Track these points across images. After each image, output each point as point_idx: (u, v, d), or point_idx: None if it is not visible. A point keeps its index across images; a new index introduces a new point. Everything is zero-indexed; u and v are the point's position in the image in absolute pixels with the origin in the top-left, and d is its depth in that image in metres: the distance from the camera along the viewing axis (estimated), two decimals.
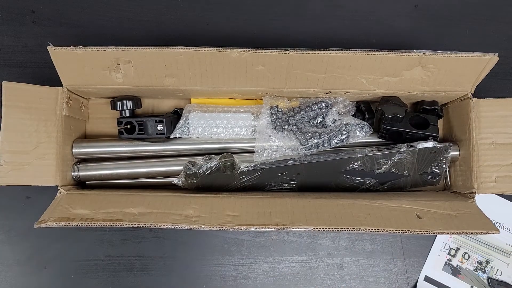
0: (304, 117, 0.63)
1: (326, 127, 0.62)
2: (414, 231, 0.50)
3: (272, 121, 0.62)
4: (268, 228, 0.51)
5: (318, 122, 0.63)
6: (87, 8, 0.72)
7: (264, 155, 0.61)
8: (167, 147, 0.63)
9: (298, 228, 0.51)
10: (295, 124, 0.62)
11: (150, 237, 0.67)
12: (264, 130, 0.61)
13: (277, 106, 0.63)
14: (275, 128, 0.62)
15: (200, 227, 0.51)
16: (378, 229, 0.50)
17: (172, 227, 0.51)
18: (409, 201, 0.58)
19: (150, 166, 0.63)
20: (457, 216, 0.55)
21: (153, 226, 0.51)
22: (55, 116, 0.58)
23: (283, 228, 0.51)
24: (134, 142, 0.63)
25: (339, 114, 0.63)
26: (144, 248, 0.67)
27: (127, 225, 0.51)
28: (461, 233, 0.52)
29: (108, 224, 0.51)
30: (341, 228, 0.50)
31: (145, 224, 0.51)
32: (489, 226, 0.53)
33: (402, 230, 0.50)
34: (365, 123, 0.61)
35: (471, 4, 0.74)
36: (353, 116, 0.64)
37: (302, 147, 0.60)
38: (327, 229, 0.50)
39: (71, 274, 0.66)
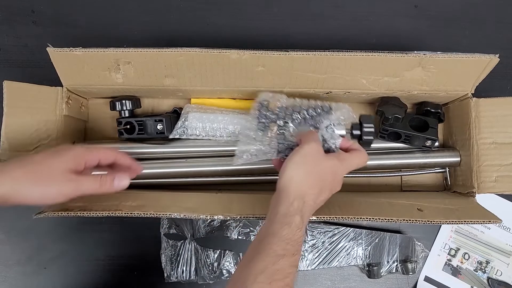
0: (295, 120, 0.55)
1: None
2: (416, 220, 0.50)
3: (259, 122, 0.56)
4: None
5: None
6: (87, 9, 0.72)
7: (244, 157, 0.55)
8: (167, 150, 0.63)
9: None
10: (282, 129, 0.55)
11: (150, 237, 0.67)
12: (247, 133, 0.56)
13: (267, 106, 0.56)
14: (262, 130, 0.55)
15: (200, 216, 0.51)
16: (379, 219, 0.50)
17: (172, 216, 0.50)
18: (408, 198, 0.58)
19: (150, 168, 0.63)
20: (458, 209, 0.55)
21: (153, 215, 0.50)
22: (55, 116, 0.59)
23: None
24: (134, 145, 0.63)
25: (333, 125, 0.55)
26: (144, 248, 0.67)
27: (126, 214, 0.50)
28: (463, 222, 0.52)
29: (106, 214, 0.50)
30: (343, 218, 0.50)
31: (144, 214, 0.50)
32: (491, 216, 0.53)
33: (404, 220, 0.50)
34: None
35: (471, 4, 0.74)
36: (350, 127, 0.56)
37: (281, 154, 0.53)
38: (328, 218, 0.50)
39: (71, 274, 0.66)
